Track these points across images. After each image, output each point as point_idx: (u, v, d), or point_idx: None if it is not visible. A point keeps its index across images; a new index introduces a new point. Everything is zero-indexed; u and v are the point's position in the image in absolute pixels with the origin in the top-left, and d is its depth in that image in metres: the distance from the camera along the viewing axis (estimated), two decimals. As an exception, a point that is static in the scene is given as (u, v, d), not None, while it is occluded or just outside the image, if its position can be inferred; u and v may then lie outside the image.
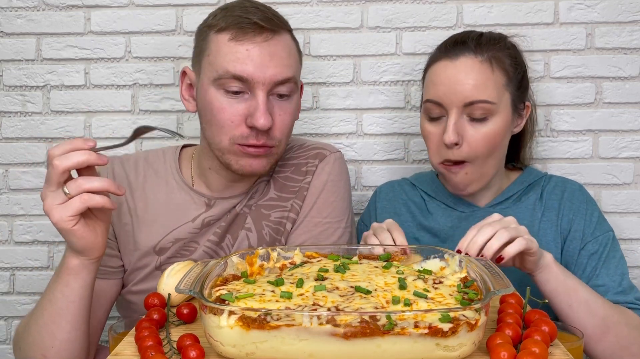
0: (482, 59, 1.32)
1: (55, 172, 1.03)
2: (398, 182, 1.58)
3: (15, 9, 1.74)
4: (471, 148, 1.32)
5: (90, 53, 1.74)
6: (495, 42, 1.36)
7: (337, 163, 1.42)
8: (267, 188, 1.39)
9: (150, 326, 0.94)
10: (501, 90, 1.33)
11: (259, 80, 1.24)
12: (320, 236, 1.35)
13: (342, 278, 0.98)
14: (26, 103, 1.76)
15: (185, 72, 1.36)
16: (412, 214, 1.50)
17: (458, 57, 1.33)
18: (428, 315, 0.80)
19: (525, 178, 1.47)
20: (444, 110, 1.33)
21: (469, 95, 1.30)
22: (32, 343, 1.17)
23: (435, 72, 1.35)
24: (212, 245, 1.35)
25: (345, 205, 1.41)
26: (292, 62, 1.29)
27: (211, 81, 1.26)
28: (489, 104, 1.31)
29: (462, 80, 1.31)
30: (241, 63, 1.23)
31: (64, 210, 1.05)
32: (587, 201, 1.44)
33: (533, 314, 0.95)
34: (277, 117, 1.27)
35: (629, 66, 1.70)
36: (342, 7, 1.72)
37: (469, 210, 1.45)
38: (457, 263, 1.04)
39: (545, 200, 1.44)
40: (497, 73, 1.33)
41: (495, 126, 1.32)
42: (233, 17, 1.26)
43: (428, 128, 1.37)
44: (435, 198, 1.50)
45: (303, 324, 0.80)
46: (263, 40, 1.25)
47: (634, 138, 1.71)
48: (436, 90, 1.33)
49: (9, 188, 1.77)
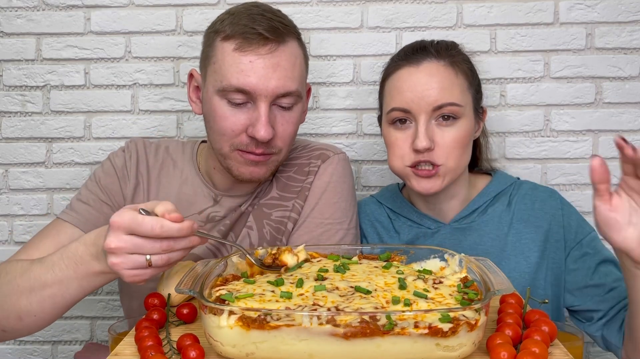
0: (445, 62, 1.32)
1: (152, 233, 0.95)
2: (364, 201, 1.55)
3: (15, 9, 1.74)
4: (444, 152, 1.30)
5: (90, 53, 1.74)
6: (451, 48, 1.37)
7: (341, 164, 1.41)
8: (270, 188, 1.40)
9: (150, 326, 0.94)
10: (465, 93, 1.33)
11: (262, 92, 1.24)
12: (321, 237, 1.35)
13: (342, 278, 0.98)
14: (26, 103, 1.76)
15: (192, 74, 1.37)
16: (379, 235, 1.48)
17: (421, 62, 1.32)
18: (428, 315, 0.80)
19: (492, 187, 1.44)
20: (410, 116, 1.32)
21: (437, 98, 1.29)
22: (14, 303, 1.13)
23: (400, 79, 1.34)
24: (215, 241, 1.36)
25: (348, 207, 1.40)
26: (297, 74, 1.29)
27: (215, 90, 1.27)
28: (457, 107, 1.30)
29: (428, 84, 1.30)
30: (244, 76, 1.24)
31: (140, 275, 0.99)
32: (562, 207, 1.40)
33: (533, 314, 0.95)
34: (279, 127, 1.28)
35: (629, 66, 1.70)
36: (342, 7, 1.72)
37: (435, 226, 1.43)
38: (457, 263, 1.05)
39: (513, 211, 1.40)
40: (460, 77, 1.33)
41: (462, 128, 1.31)
42: (239, 25, 1.26)
43: (393, 135, 1.35)
44: (401, 214, 1.47)
45: (303, 324, 0.80)
46: (267, 51, 1.24)
47: (634, 138, 1.71)
48: (403, 97, 1.32)
49: (9, 188, 1.77)
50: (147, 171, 1.41)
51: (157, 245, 0.97)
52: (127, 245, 0.96)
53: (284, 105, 1.28)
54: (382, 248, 1.15)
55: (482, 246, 1.38)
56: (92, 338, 1.81)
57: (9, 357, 1.81)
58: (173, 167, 1.43)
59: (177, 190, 1.40)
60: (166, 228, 0.96)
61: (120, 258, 0.97)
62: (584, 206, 1.72)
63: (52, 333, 1.81)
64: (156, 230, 0.95)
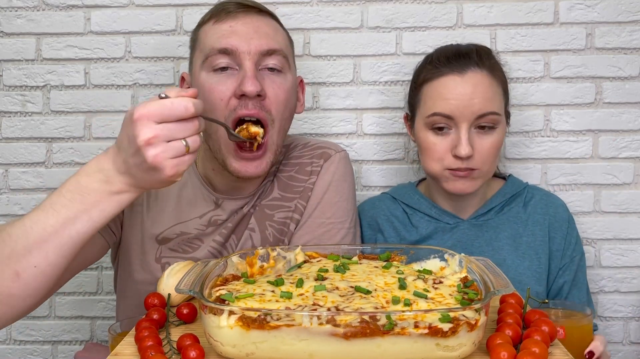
0: (487, 71, 1.38)
1: (187, 113, 0.92)
2: (378, 198, 1.59)
3: (15, 9, 1.74)
4: (482, 158, 1.37)
5: (90, 53, 1.74)
6: (490, 54, 1.43)
7: (342, 163, 1.41)
8: (271, 188, 1.39)
9: (150, 326, 0.94)
10: (502, 100, 1.40)
11: (244, 50, 1.23)
12: (323, 237, 1.34)
13: (342, 278, 0.98)
14: (26, 103, 1.76)
15: (183, 77, 1.37)
16: (396, 229, 1.51)
17: (465, 71, 1.37)
18: (428, 315, 0.80)
19: (508, 189, 1.50)
20: (452, 123, 1.36)
21: (481, 108, 1.35)
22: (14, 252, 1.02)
23: (444, 86, 1.38)
24: (217, 245, 1.35)
25: (349, 206, 1.40)
26: (280, 38, 1.28)
27: (200, 65, 1.27)
28: (497, 115, 1.37)
29: (473, 94, 1.35)
30: (225, 38, 1.24)
31: (181, 164, 0.95)
32: (569, 220, 1.50)
33: (533, 314, 0.95)
34: (269, 89, 1.25)
35: (629, 66, 1.70)
36: (342, 7, 1.72)
37: (453, 222, 1.48)
38: (457, 263, 1.05)
39: (530, 213, 1.48)
40: (499, 85, 1.40)
41: (499, 135, 1.39)
42: (217, 6, 1.29)
43: (432, 139, 1.39)
44: (418, 210, 1.51)
45: (303, 324, 0.80)
46: (245, 15, 1.26)
47: (634, 138, 1.71)
48: (447, 104, 1.36)
49: (9, 188, 1.77)
50: None
51: (189, 126, 0.94)
52: (164, 132, 0.92)
53: (271, 67, 1.26)
54: (382, 248, 1.15)
55: (497, 242, 1.45)
56: (92, 338, 1.81)
57: (9, 357, 1.81)
58: None
59: (177, 193, 1.38)
60: (198, 105, 0.95)
61: (160, 148, 0.93)
62: (584, 207, 1.72)
63: (52, 333, 1.81)
64: (190, 109, 0.93)
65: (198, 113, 0.96)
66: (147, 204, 1.37)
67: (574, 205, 1.69)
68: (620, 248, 1.73)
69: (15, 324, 1.80)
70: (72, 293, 1.79)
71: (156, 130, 0.93)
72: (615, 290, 1.74)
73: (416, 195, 1.53)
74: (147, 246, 1.35)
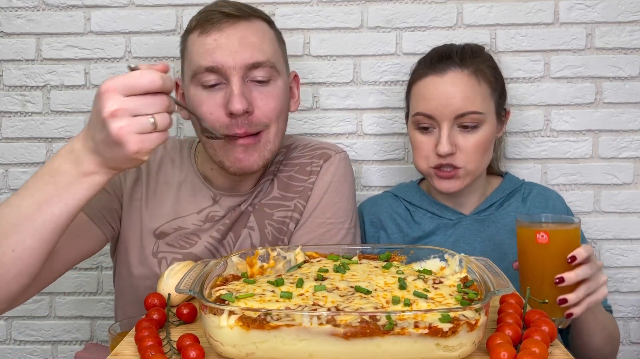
0: (469, 72, 1.39)
1: (153, 85, 0.89)
2: (381, 196, 1.61)
3: (15, 9, 1.74)
4: (466, 157, 1.39)
5: (90, 53, 1.74)
6: (477, 54, 1.44)
7: (342, 163, 1.42)
8: (271, 187, 1.39)
9: (150, 326, 0.94)
10: (487, 100, 1.41)
11: (230, 65, 1.23)
12: (323, 237, 1.35)
13: (342, 278, 0.98)
14: (26, 103, 1.76)
15: (177, 83, 1.37)
16: (399, 226, 1.52)
17: (445, 71, 1.39)
18: (428, 315, 0.80)
19: (506, 185, 1.53)
20: (434, 122, 1.39)
21: (460, 107, 1.37)
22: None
23: (425, 86, 1.41)
24: (214, 241, 1.35)
25: (350, 206, 1.40)
26: (266, 47, 1.28)
27: (190, 80, 1.28)
28: (478, 114, 1.38)
29: (452, 94, 1.37)
30: (210, 54, 1.24)
31: (147, 141, 0.91)
32: (567, 212, 1.51)
33: (533, 314, 0.95)
34: (258, 101, 1.26)
35: (629, 66, 1.70)
36: (342, 7, 1.72)
37: (456, 218, 1.50)
38: (457, 263, 1.05)
39: (529, 207, 1.50)
40: (483, 85, 1.40)
41: (484, 134, 1.40)
42: (203, 14, 1.28)
43: (419, 137, 1.43)
44: (420, 207, 1.53)
45: (303, 324, 0.80)
46: (230, 26, 1.25)
47: (634, 138, 1.71)
48: (427, 104, 1.39)
49: (9, 188, 1.77)
50: (147, 166, 1.40)
51: (157, 101, 0.91)
52: (129, 105, 0.89)
53: (259, 79, 1.26)
54: (382, 248, 1.15)
55: (499, 237, 1.46)
56: (92, 338, 1.81)
57: (9, 357, 1.81)
58: (171, 166, 1.42)
59: (176, 188, 1.39)
60: (166, 79, 0.91)
61: (125, 121, 0.89)
62: (584, 207, 1.72)
63: (52, 333, 1.81)
64: (157, 81, 0.90)
65: (166, 89, 0.93)
66: (145, 198, 1.37)
67: (574, 205, 1.69)
68: (620, 248, 1.73)
69: (15, 325, 1.80)
70: (72, 293, 1.79)
71: (122, 102, 0.89)
72: (615, 290, 1.74)
73: (418, 193, 1.55)
74: (145, 240, 1.35)
